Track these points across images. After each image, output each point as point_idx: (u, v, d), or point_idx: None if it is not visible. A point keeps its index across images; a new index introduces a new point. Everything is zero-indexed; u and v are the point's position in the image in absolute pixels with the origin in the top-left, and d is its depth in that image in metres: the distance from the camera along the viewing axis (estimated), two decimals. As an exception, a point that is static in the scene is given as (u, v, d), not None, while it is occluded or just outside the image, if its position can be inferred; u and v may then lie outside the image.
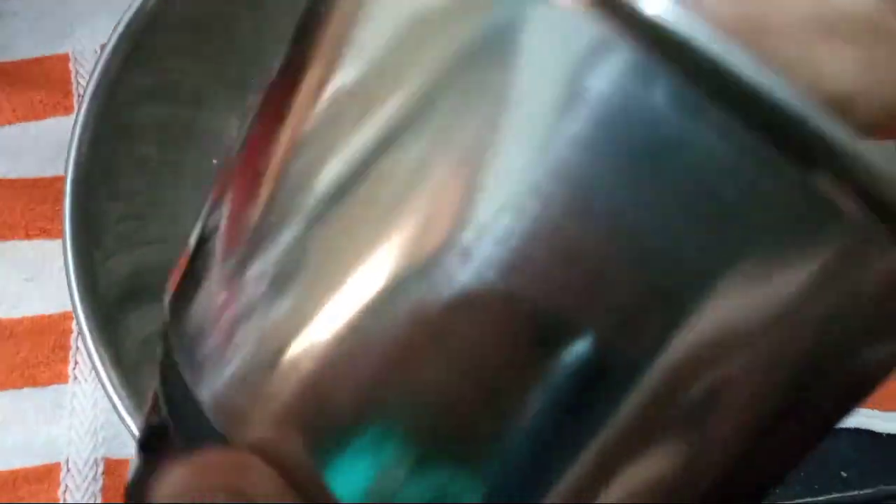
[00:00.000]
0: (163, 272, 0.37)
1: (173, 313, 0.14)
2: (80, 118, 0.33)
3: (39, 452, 0.37)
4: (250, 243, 0.12)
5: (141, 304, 0.36)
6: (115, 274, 0.35)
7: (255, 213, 0.12)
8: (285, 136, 0.12)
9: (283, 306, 0.11)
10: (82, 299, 0.33)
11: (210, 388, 0.12)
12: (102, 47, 0.44)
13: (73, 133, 0.33)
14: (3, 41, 0.44)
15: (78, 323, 0.33)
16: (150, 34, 0.34)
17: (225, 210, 0.13)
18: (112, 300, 0.35)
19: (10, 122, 0.42)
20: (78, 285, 0.33)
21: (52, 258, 0.40)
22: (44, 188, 0.42)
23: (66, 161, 0.33)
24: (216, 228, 0.13)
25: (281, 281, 0.11)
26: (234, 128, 0.41)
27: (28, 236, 0.40)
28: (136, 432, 0.31)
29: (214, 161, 0.40)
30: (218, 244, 0.13)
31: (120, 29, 0.34)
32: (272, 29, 0.40)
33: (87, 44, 0.46)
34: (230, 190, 0.13)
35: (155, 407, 0.14)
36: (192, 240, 0.14)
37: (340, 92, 0.11)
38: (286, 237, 0.11)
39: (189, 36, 0.37)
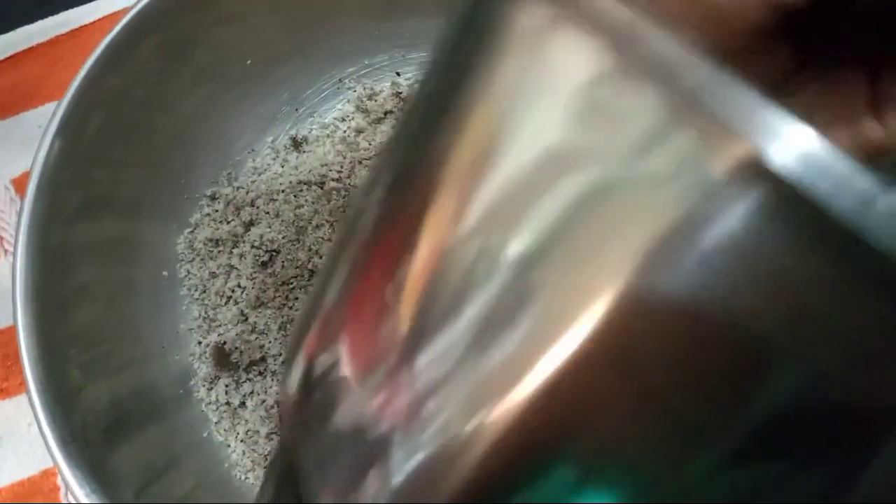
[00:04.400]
0: (140, 395, 0.35)
1: (294, 457, 0.15)
2: (18, 265, 0.31)
3: None
4: (406, 345, 0.13)
5: (127, 435, 0.34)
6: (90, 413, 0.33)
7: (396, 325, 0.13)
8: (421, 253, 0.13)
9: (489, 364, 0.12)
10: (63, 452, 0.30)
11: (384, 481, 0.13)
12: (16, 181, 0.42)
13: (14, 282, 0.31)
14: None
15: (64, 479, 0.31)
16: (72, 154, 0.33)
17: (342, 346, 0.14)
18: (94, 441, 0.32)
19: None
20: (55, 439, 0.30)
21: (17, 417, 0.38)
22: (-11, 347, 0.39)
23: (14, 313, 0.30)
24: (334, 365, 0.14)
25: (477, 351, 0.12)
26: (178, 236, 0.39)
27: (-15, 401, 0.38)
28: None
29: (165, 273, 0.38)
30: (345, 372, 0.14)
31: (40, 158, 0.32)
32: (191, 132, 0.39)
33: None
34: (342, 329, 0.15)
35: None
36: (295, 389, 0.16)
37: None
38: (466, 317, 0.12)
39: (113, 147, 0.35)
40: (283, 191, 0.40)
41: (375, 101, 0.42)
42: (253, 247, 0.38)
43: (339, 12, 0.41)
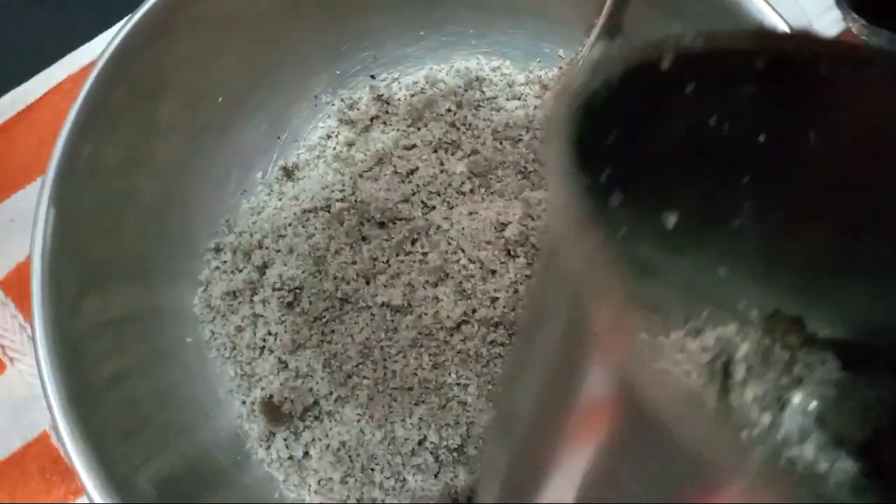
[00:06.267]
0: (197, 468, 0.33)
1: None
2: (44, 368, 0.28)
3: None
4: None
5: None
6: (152, 500, 0.30)
7: None
8: None
9: None
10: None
11: None
12: (2, 283, 0.39)
13: (43, 385, 0.28)
14: None
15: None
16: (67, 235, 0.31)
17: None
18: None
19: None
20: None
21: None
22: (18, 461, 0.36)
23: (52, 418, 0.28)
24: None
25: None
26: (191, 297, 0.36)
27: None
28: None
29: (189, 339, 0.36)
30: None
31: (37, 247, 0.29)
32: (176, 186, 0.36)
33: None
34: None
35: None
36: None
37: None
38: None
39: (102, 219, 0.33)
40: (289, 224, 0.37)
41: (358, 109, 0.40)
42: (274, 289, 0.36)
43: (294, 27, 0.39)
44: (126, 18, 0.33)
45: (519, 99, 0.40)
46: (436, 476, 0.34)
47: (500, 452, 0.18)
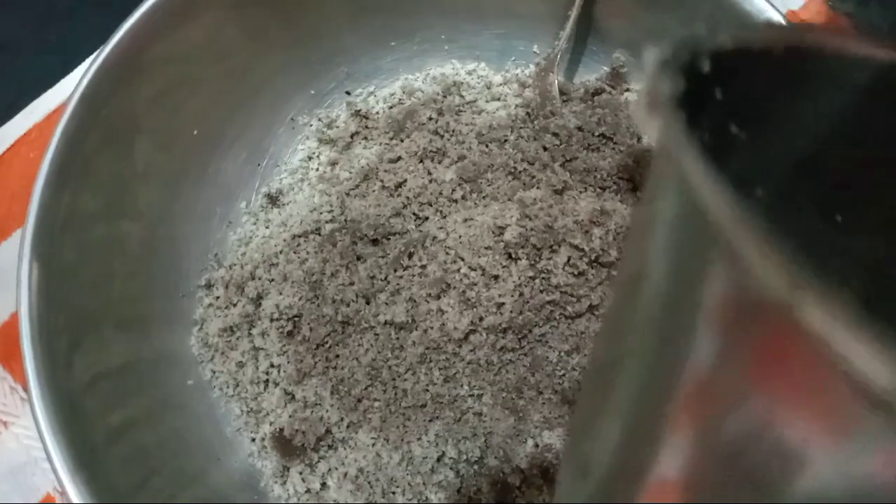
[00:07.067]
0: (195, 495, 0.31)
1: None
2: (45, 432, 0.27)
3: None
4: None
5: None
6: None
7: None
8: None
9: None
10: None
11: None
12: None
13: (47, 450, 0.27)
14: None
15: None
16: (53, 288, 0.30)
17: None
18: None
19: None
20: None
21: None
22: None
23: (58, 480, 0.27)
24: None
25: None
26: (187, 338, 0.35)
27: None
28: None
29: (190, 382, 0.35)
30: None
31: (23, 303, 0.28)
32: (161, 226, 0.35)
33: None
34: None
35: None
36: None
37: None
38: None
39: (87, 269, 0.32)
40: (280, 252, 0.36)
41: (337, 127, 0.39)
42: (272, 320, 0.35)
43: (264, 53, 0.38)
44: (90, 60, 0.32)
45: (499, 100, 0.40)
46: (458, 491, 0.33)
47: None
